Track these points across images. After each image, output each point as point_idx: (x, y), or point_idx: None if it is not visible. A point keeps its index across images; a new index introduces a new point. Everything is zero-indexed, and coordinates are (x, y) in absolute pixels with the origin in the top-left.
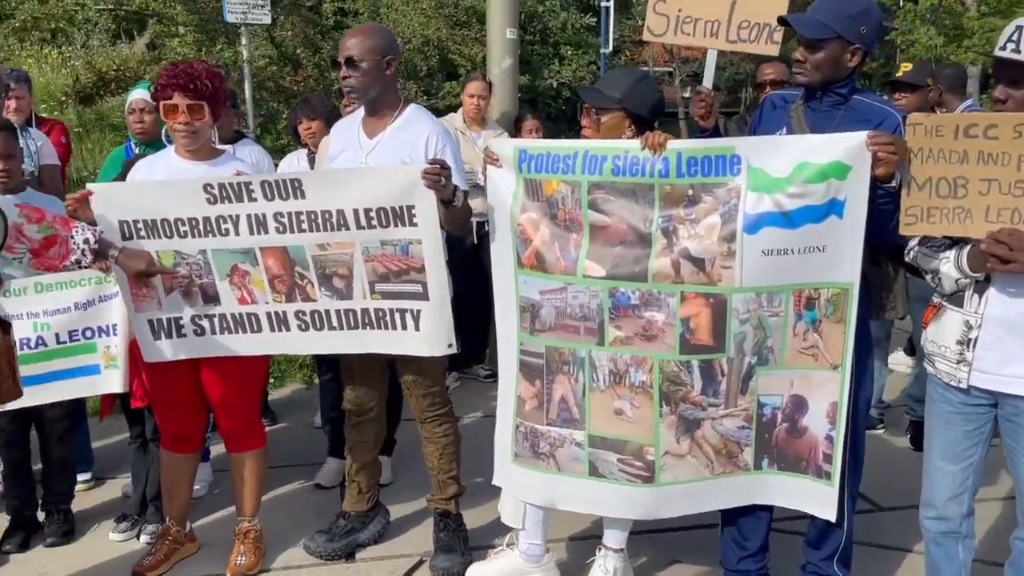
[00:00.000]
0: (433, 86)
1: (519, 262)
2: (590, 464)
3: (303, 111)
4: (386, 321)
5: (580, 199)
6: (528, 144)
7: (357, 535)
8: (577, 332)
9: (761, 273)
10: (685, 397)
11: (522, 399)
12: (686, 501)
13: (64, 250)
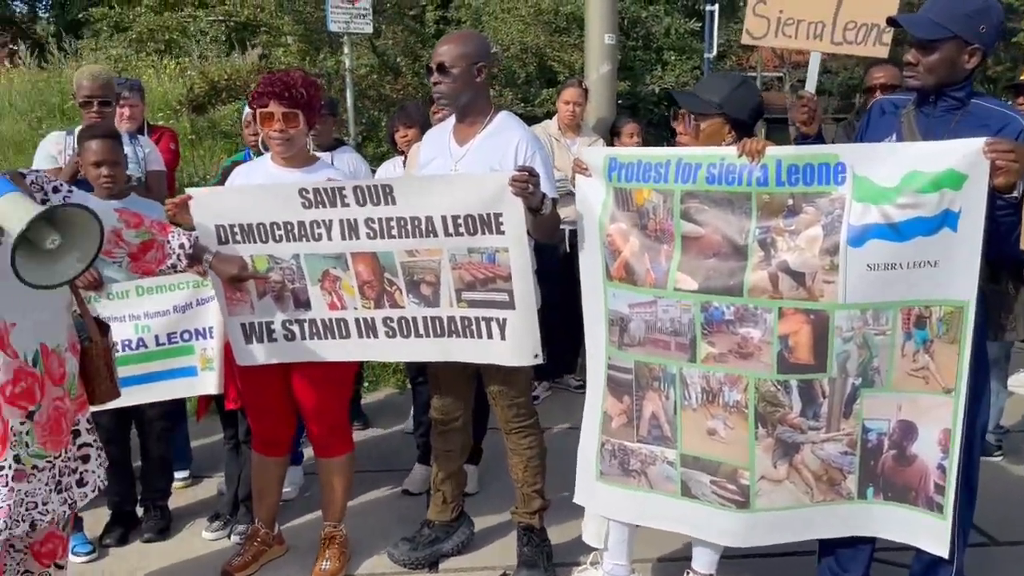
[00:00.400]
0: (531, 93)
1: (608, 274)
2: (682, 484)
3: (400, 119)
4: (472, 330)
5: (672, 209)
6: (618, 152)
7: (441, 545)
8: (668, 347)
9: (866, 289)
10: (783, 419)
11: (609, 415)
12: (783, 529)
13: (160, 255)
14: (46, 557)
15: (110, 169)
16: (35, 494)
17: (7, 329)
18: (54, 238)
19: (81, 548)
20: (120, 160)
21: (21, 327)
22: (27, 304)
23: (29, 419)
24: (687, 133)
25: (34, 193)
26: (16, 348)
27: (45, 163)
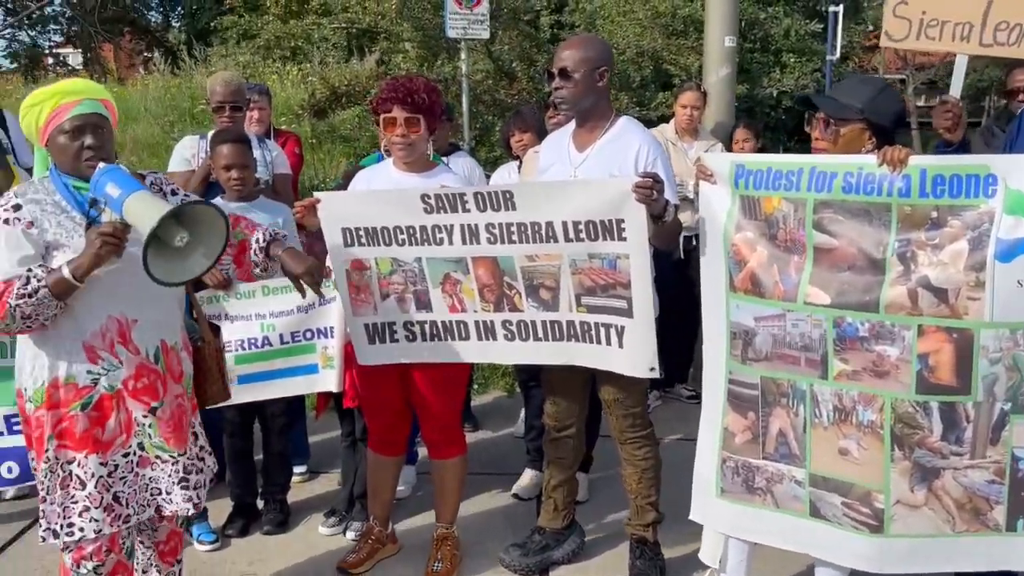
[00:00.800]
0: (646, 97)
1: (731, 285)
2: (811, 504)
3: (515, 123)
4: (591, 335)
5: (804, 218)
6: (746, 159)
7: (551, 552)
8: (797, 363)
9: (1017, 306)
10: (922, 442)
11: (731, 432)
12: (919, 558)
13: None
14: (169, 555)
15: (240, 172)
16: (159, 481)
17: (129, 325)
18: (182, 235)
19: (206, 537)
20: (249, 163)
21: (142, 324)
22: (148, 301)
23: (152, 414)
24: (823, 139)
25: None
26: (138, 344)
27: (179, 166)
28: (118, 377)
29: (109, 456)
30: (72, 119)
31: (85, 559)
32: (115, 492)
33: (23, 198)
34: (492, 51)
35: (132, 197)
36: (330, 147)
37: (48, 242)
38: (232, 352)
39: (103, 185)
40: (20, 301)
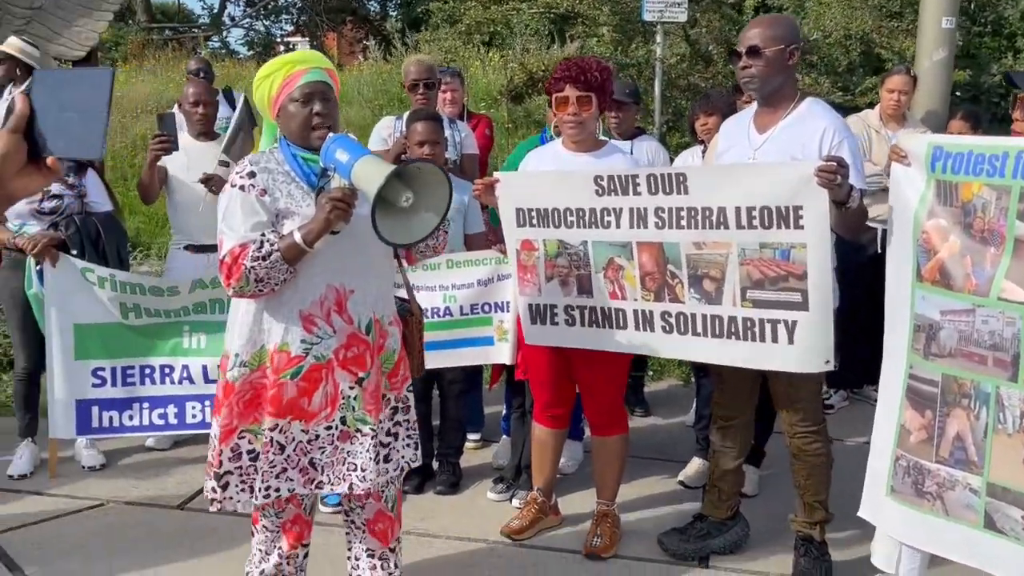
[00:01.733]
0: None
1: (918, 274)
2: (986, 515)
3: (701, 106)
4: (753, 332)
5: (1007, 207)
6: (945, 141)
7: (712, 540)
8: (984, 362)
9: None
10: None
11: (906, 429)
12: None
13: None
14: (381, 536)
15: (432, 148)
16: (356, 456)
17: (346, 295)
18: (408, 196)
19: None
20: (441, 140)
21: (358, 295)
22: (365, 272)
23: (358, 385)
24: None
25: None
26: (352, 314)
27: (377, 145)
28: (329, 347)
29: (312, 426)
30: (302, 87)
31: (268, 506)
32: (312, 458)
33: (257, 166)
34: (689, 35)
35: (360, 161)
36: (525, 131)
37: (279, 210)
38: None
39: (333, 152)
40: (255, 263)
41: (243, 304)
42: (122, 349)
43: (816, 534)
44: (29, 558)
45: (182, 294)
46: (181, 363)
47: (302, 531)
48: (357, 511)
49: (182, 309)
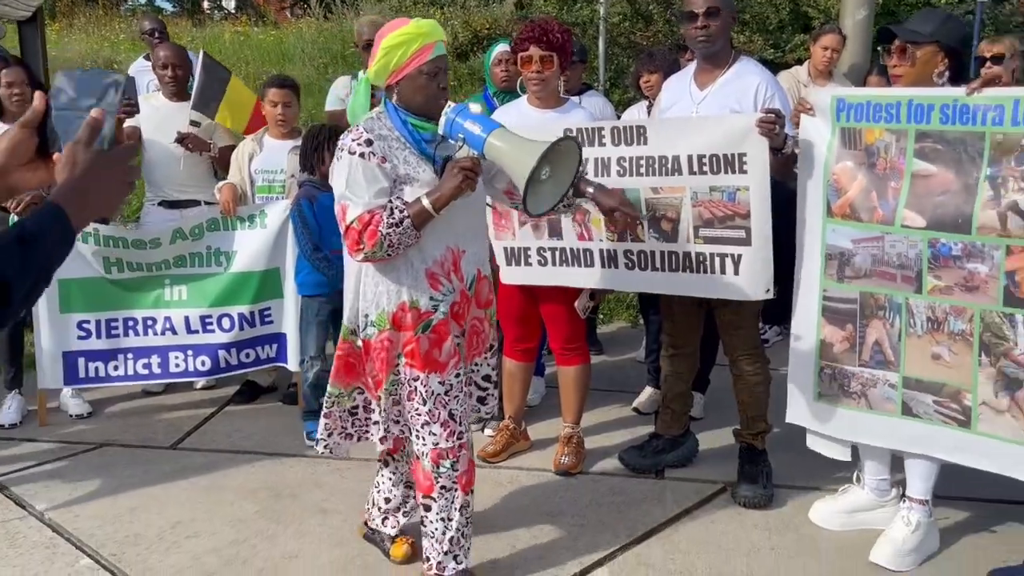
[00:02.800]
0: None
1: (829, 211)
2: (903, 404)
3: (644, 65)
4: (706, 265)
5: (905, 148)
6: (847, 93)
7: (666, 456)
8: (894, 279)
9: None
10: (1007, 353)
11: (828, 343)
12: (1000, 459)
13: None
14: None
15: None
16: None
17: (459, 255)
18: (547, 170)
19: None
20: None
21: (468, 255)
22: (473, 234)
23: (462, 336)
24: (901, 64)
25: None
26: (464, 273)
27: (334, 104)
28: (449, 302)
29: (446, 376)
30: (433, 61)
31: (442, 458)
32: (451, 410)
33: (372, 134)
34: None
35: (494, 136)
36: (470, 88)
37: (399, 176)
38: None
39: (460, 124)
40: (389, 231)
41: (363, 268)
42: (105, 302)
43: (758, 444)
44: (35, 496)
45: (163, 246)
46: (163, 315)
47: (471, 477)
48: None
49: (163, 263)
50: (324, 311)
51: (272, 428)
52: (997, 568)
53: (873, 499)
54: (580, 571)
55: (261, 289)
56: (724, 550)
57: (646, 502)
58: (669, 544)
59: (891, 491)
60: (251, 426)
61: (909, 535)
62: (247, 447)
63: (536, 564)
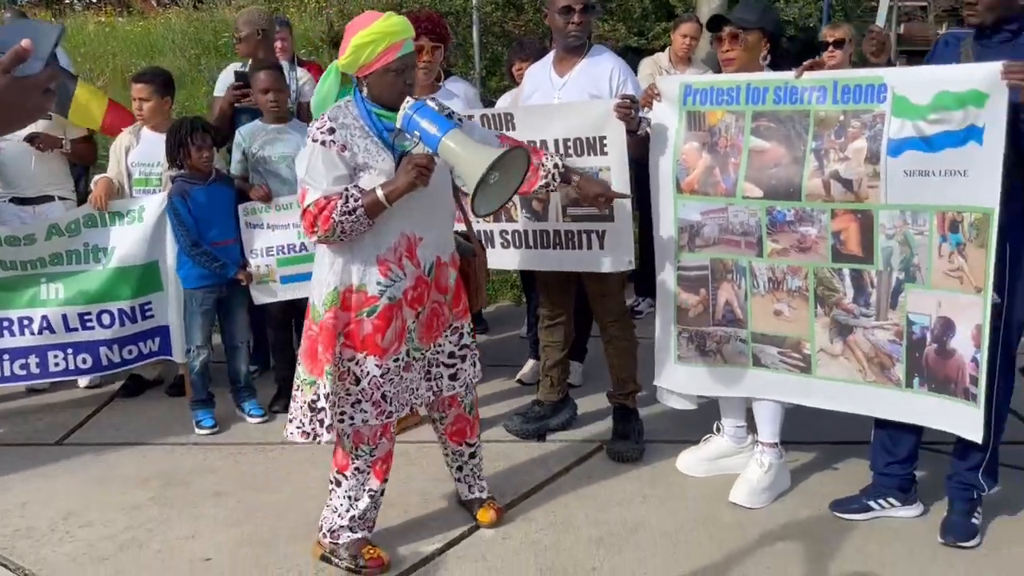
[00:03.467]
0: (647, 27)
1: (678, 188)
2: (754, 356)
3: (517, 53)
4: (575, 241)
5: (744, 127)
6: (693, 80)
7: (548, 420)
8: (739, 246)
9: (904, 192)
10: (838, 303)
11: (684, 309)
12: (839, 399)
13: (534, 176)
14: (457, 435)
15: (276, 95)
16: (413, 381)
17: (416, 242)
18: (495, 175)
19: (256, 412)
20: (284, 88)
21: (426, 241)
22: (431, 221)
23: (417, 318)
24: (733, 49)
25: None
26: (420, 259)
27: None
28: (400, 288)
29: (384, 360)
30: (401, 59)
31: (362, 443)
32: (383, 392)
33: (335, 122)
34: None
35: (448, 137)
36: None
37: (357, 164)
38: (274, 256)
39: (417, 121)
40: (342, 218)
41: (325, 252)
42: None
43: (629, 403)
44: None
45: (39, 242)
46: (40, 314)
47: (388, 466)
48: (440, 421)
49: (38, 260)
50: (208, 301)
51: (160, 419)
52: (837, 499)
53: (732, 446)
54: (468, 529)
55: (141, 283)
56: (601, 501)
57: (530, 464)
58: (551, 499)
59: (747, 438)
60: (138, 419)
61: (763, 475)
62: (136, 439)
63: (428, 529)
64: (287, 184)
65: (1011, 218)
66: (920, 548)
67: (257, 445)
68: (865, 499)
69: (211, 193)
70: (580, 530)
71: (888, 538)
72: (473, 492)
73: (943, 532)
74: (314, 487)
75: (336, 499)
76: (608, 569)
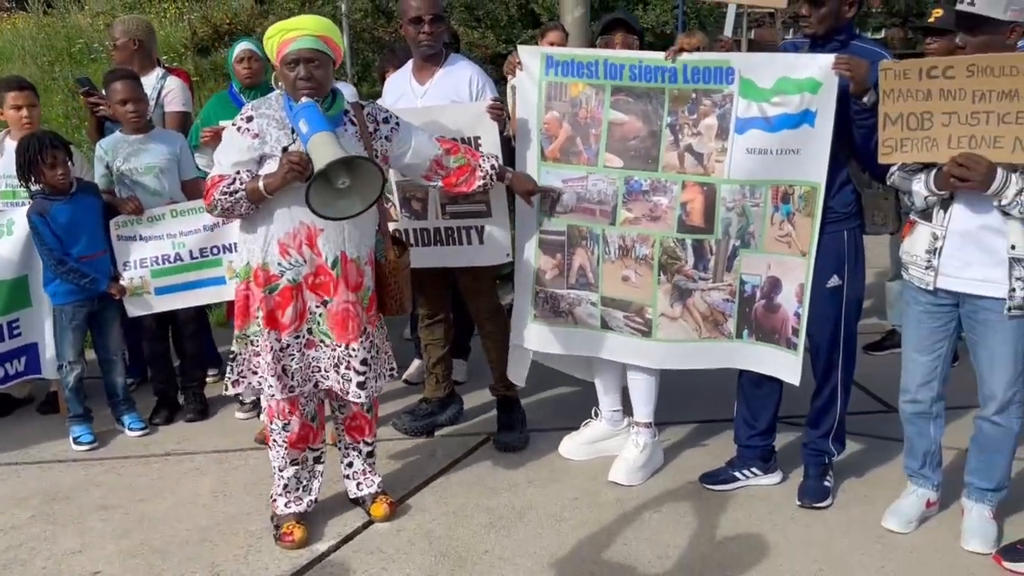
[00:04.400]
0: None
1: (543, 155)
2: (602, 319)
3: (389, 60)
4: (455, 238)
5: (604, 100)
6: (555, 52)
7: (436, 417)
8: (594, 214)
9: (745, 168)
10: (679, 270)
11: (542, 270)
12: (679, 357)
13: (472, 177)
14: (356, 432)
15: (134, 106)
16: (320, 361)
17: (316, 233)
18: (344, 180)
19: (135, 425)
20: (142, 97)
21: (327, 234)
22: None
23: (323, 306)
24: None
25: (367, 123)
26: (321, 249)
27: None
28: (301, 272)
29: (284, 335)
30: (290, 54)
31: (275, 417)
32: (283, 365)
33: (257, 111)
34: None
35: (316, 136)
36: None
37: (265, 153)
38: (148, 267)
39: (297, 120)
40: (221, 196)
41: (239, 227)
42: None
43: (512, 394)
44: None
45: None
46: None
47: (306, 434)
48: (340, 410)
49: None
50: (79, 315)
51: (33, 437)
52: (706, 472)
53: (609, 429)
54: (362, 524)
55: (9, 300)
56: (490, 488)
57: (421, 459)
58: (441, 491)
59: (623, 420)
60: (9, 438)
61: (638, 455)
62: (9, 460)
63: (321, 527)
64: (157, 195)
65: (847, 209)
66: (780, 511)
67: (140, 458)
68: (731, 470)
69: (75, 206)
70: (472, 517)
71: (752, 504)
72: (363, 488)
73: (800, 495)
74: (204, 495)
75: (271, 462)
76: (500, 550)
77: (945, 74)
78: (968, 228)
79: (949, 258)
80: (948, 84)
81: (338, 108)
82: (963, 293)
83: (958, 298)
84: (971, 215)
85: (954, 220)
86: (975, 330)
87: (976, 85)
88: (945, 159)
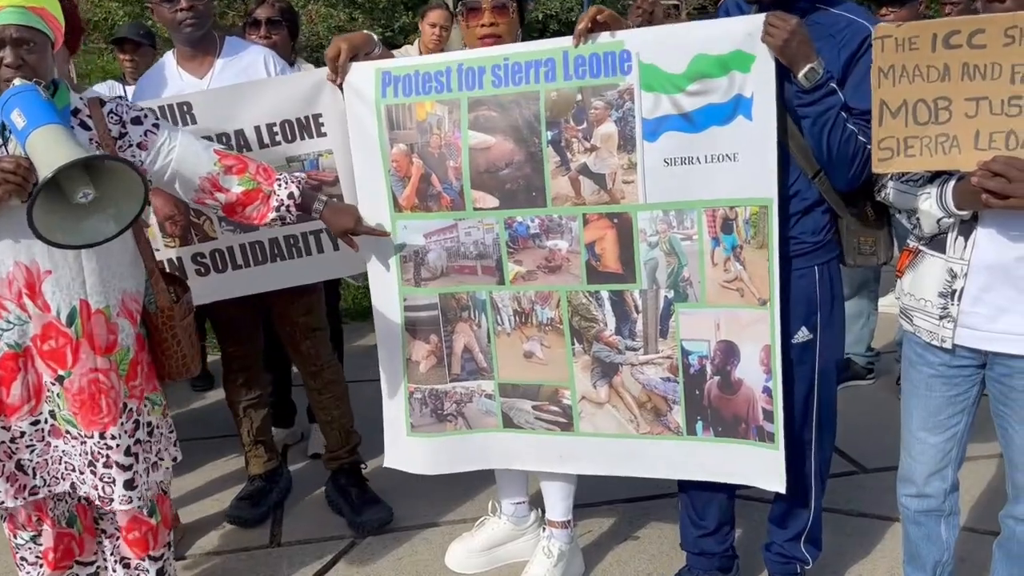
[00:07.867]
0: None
1: (395, 205)
2: (503, 415)
3: None
4: (299, 248)
5: (459, 120)
6: (391, 65)
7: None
8: (475, 272)
9: (666, 186)
10: (599, 336)
11: (414, 361)
12: (609, 459)
13: (265, 207)
14: (138, 545)
15: None
16: (71, 457)
17: (40, 276)
18: (87, 192)
19: None
20: None
21: (57, 277)
22: (69, 252)
23: (59, 383)
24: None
25: (110, 125)
26: (48, 300)
27: None
28: (27, 333)
29: (13, 421)
30: None
31: (19, 529)
32: (19, 460)
33: None
34: None
35: (39, 131)
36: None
37: None
38: None
39: (9, 110)
40: None
41: None
42: None
43: (359, 457)
44: None
45: None
46: None
47: (68, 547)
48: (109, 517)
49: None
50: None
51: None
52: None
53: (511, 529)
54: None
55: None
56: None
57: None
58: None
59: (530, 515)
60: None
61: (551, 568)
62: None
63: None
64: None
65: (818, 237)
66: None
67: None
68: None
69: None
70: None
71: None
72: None
73: None
74: None
75: None
76: None
77: (971, 42)
78: (1000, 262)
79: (974, 303)
80: (975, 56)
81: (62, 104)
82: (992, 352)
83: (984, 357)
84: (1005, 244)
85: (980, 251)
86: (1008, 401)
87: (1018, 58)
88: (971, 165)
